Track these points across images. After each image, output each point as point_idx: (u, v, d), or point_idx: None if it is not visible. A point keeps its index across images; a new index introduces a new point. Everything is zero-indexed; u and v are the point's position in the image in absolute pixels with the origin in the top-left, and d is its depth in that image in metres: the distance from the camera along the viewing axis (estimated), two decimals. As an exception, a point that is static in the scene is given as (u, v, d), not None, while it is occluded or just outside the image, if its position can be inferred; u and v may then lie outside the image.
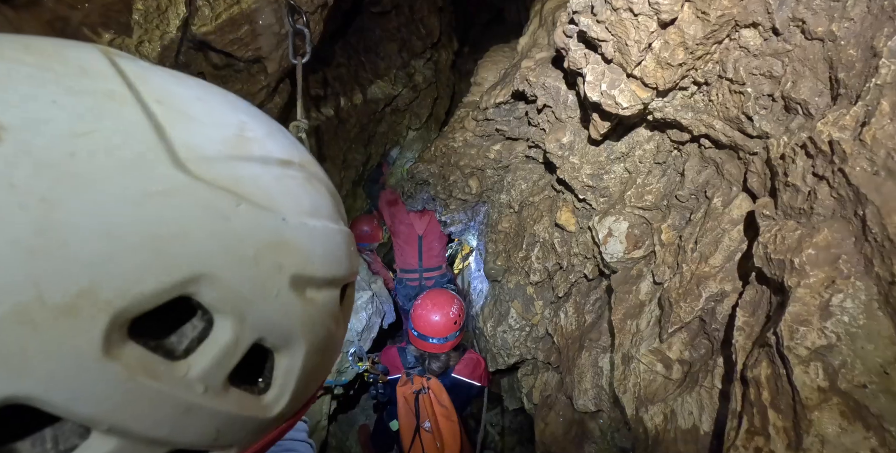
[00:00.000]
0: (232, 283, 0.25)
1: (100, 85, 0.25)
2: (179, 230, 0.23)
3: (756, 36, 1.04)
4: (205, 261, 0.24)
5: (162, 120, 0.25)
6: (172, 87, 0.28)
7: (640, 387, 1.17)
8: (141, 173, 0.23)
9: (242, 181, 0.27)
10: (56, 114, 0.23)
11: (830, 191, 0.81)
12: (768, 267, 0.87)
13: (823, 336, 0.69)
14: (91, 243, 0.21)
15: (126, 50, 1.45)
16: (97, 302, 0.21)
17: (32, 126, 0.22)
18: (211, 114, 0.28)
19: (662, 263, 1.30)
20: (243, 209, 0.26)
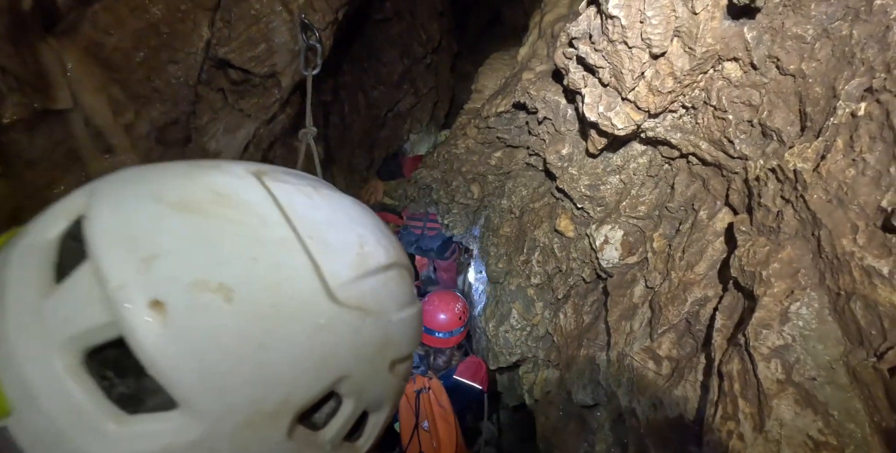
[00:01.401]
0: (358, 377, 0.36)
1: (276, 233, 0.34)
2: (334, 350, 0.34)
3: (737, 69, 1.19)
4: (345, 366, 0.35)
5: (316, 257, 0.35)
6: (311, 214, 0.37)
7: (633, 382, 1.33)
8: (312, 311, 0.33)
9: (365, 296, 0.37)
10: (258, 271, 0.31)
11: (794, 213, 0.97)
12: (742, 277, 1.03)
13: (782, 337, 0.85)
14: (287, 369, 0.31)
15: (155, 70, 1.58)
16: (289, 407, 0.32)
17: (247, 283, 0.30)
18: (340, 237, 0.38)
19: (654, 269, 1.46)
20: (368, 321, 0.36)
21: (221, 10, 1.67)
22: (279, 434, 0.31)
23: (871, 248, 0.79)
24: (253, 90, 1.92)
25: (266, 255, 0.32)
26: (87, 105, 1.43)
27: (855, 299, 0.79)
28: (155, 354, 0.27)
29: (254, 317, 0.30)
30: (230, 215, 0.33)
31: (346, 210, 0.42)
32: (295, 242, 0.34)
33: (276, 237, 0.34)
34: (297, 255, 0.34)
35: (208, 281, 0.29)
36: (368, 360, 0.36)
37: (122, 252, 0.30)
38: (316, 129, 1.74)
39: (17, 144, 1.35)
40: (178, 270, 0.29)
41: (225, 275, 0.30)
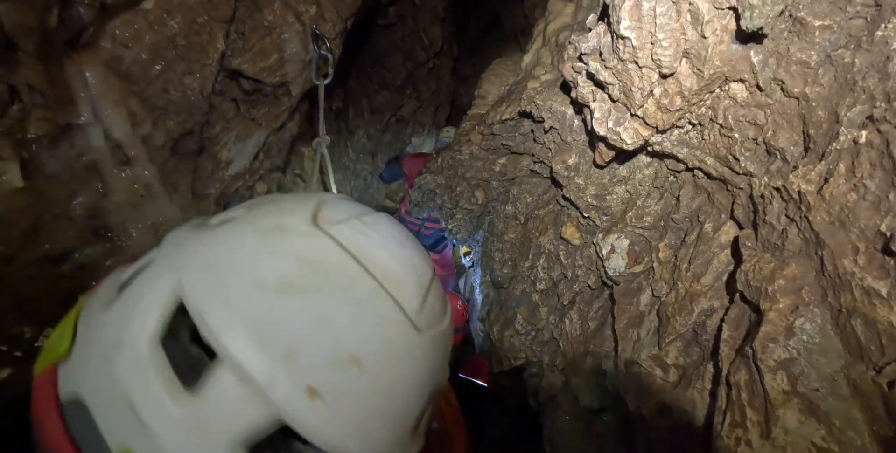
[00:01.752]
0: (440, 382, 0.43)
1: (364, 287, 0.39)
2: (429, 371, 0.40)
3: (743, 89, 1.26)
4: (435, 380, 0.42)
5: (397, 297, 0.40)
6: (376, 253, 0.42)
7: (641, 388, 1.40)
8: (411, 349, 0.39)
9: (431, 315, 0.43)
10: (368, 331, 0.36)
11: (798, 232, 1.03)
12: (748, 291, 1.09)
13: (787, 351, 0.92)
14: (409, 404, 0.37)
15: (171, 82, 1.62)
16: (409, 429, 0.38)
17: (365, 345, 0.35)
18: (400, 267, 0.43)
19: (660, 279, 1.53)
20: (437, 336, 0.42)
21: (236, 22, 1.70)
22: (403, 446, 0.38)
23: (870, 270, 0.85)
24: (264, 99, 1.96)
25: (367, 314, 0.37)
26: (106, 118, 1.46)
27: (855, 317, 0.86)
28: (325, 433, 0.32)
29: (380, 373, 0.35)
30: (325, 285, 0.37)
31: (390, 234, 0.46)
32: (380, 291, 0.39)
33: (366, 291, 0.38)
34: (386, 302, 0.39)
35: (340, 355, 0.33)
36: (443, 365, 0.43)
37: (259, 350, 0.32)
38: (329, 138, 1.78)
39: (39, 158, 1.38)
40: (315, 355, 0.33)
41: (349, 346, 0.34)
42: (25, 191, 1.39)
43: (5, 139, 1.24)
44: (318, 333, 0.35)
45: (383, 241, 0.44)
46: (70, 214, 1.52)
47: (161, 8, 1.52)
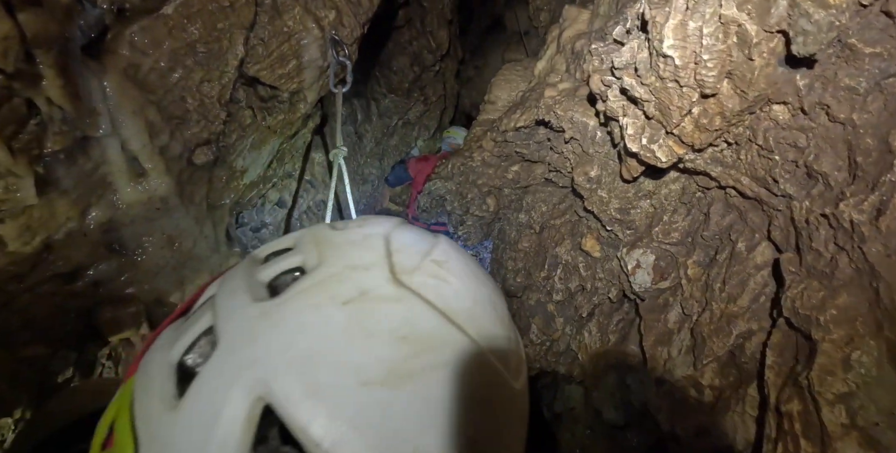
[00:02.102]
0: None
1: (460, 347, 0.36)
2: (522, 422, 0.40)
3: (785, 111, 1.26)
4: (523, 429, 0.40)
5: (489, 351, 0.37)
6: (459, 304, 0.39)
7: (674, 408, 1.40)
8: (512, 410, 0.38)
9: (520, 366, 0.41)
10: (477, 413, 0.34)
11: (850, 261, 1.04)
12: (796, 318, 1.10)
13: (846, 385, 0.93)
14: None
15: (189, 90, 1.57)
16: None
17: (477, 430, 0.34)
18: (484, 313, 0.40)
19: (690, 297, 1.53)
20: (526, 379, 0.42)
21: (257, 28, 1.65)
22: None
23: (934, 305, 0.86)
24: (280, 106, 1.92)
25: (479, 393, 0.35)
26: (124, 129, 1.41)
27: (918, 352, 0.87)
28: None
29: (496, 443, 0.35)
30: (431, 363, 0.34)
31: (464, 271, 0.43)
32: (480, 355, 0.36)
33: (469, 361, 0.35)
34: (492, 372, 0.37)
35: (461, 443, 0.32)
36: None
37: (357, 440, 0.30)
38: (346, 149, 1.75)
39: (54, 173, 1.33)
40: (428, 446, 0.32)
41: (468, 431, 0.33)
42: (39, 207, 1.33)
43: (22, 156, 1.18)
44: (434, 428, 0.32)
45: (464, 286, 0.41)
46: (84, 230, 1.47)
47: (181, 13, 1.46)
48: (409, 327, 0.35)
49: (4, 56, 0.94)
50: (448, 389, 0.33)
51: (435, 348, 0.35)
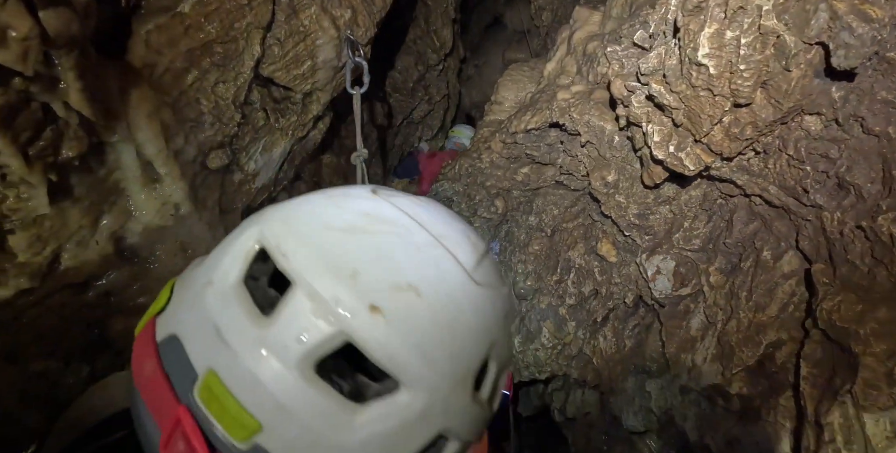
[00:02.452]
0: (499, 342, 0.43)
1: (421, 238, 0.42)
2: (487, 322, 0.42)
3: (818, 122, 1.27)
4: (494, 335, 0.42)
5: (452, 251, 0.42)
6: (430, 218, 0.45)
7: (700, 417, 1.42)
8: (469, 295, 0.41)
9: (488, 275, 0.45)
10: (426, 270, 0.40)
11: (889, 275, 1.05)
12: (832, 330, 1.11)
13: (891, 399, 0.94)
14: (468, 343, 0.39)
15: (204, 92, 1.52)
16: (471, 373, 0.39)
17: (424, 280, 0.39)
18: (455, 232, 0.46)
19: (714, 304, 1.54)
20: (496, 295, 0.44)
21: (274, 28, 1.61)
22: (467, 396, 0.39)
23: (982, 321, 0.88)
24: (293, 108, 1.87)
25: (425, 257, 0.41)
26: (139, 133, 1.36)
27: (967, 368, 0.88)
28: (386, 347, 0.35)
29: (438, 306, 0.38)
30: (386, 230, 0.42)
31: (441, 209, 0.50)
32: (436, 242, 0.42)
33: (423, 241, 0.42)
34: (441, 251, 0.42)
35: (400, 283, 0.37)
36: (503, 327, 0.45)
37: (327, 271, 0.37)
38: (367, 152, 1.71)
39: (67, 181, 1.28)
40: (377, 280, 0.37)
41: (409, 277, 0.38)
42: (51, 216, 1.28)
43: (37, 164, 1.13)
44: (379, 262, 0.39)
45: (437, 212, 0.48)
46: (96, 238, 1.42)
47: (198, 12, 1.42)
48: (375, 211, 0.44)
49: (24, 58, 0.88)
50: (395, 247, 0.40)
51: (391, 224, 0.43)
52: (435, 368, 0.36)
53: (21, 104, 1.00)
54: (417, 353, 0.35)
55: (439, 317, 0.37)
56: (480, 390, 0.42)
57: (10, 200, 1.17)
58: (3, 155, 1.00)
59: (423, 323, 0.37)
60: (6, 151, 1.00)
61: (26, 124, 1.03)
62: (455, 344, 0.38)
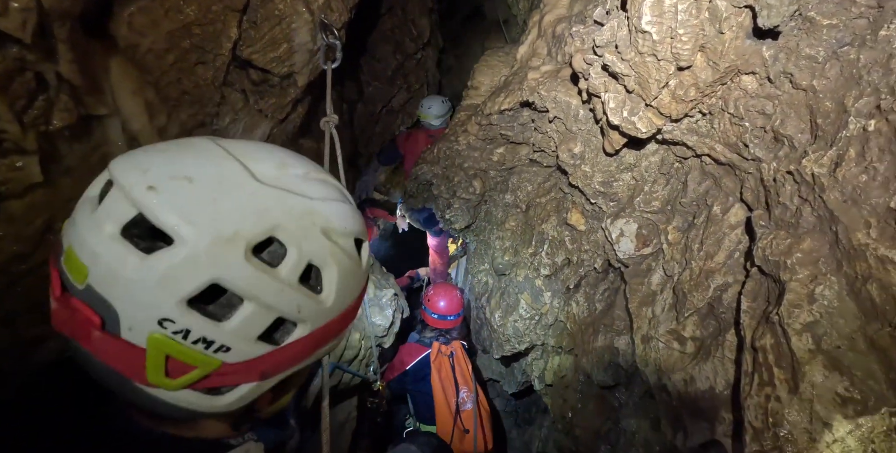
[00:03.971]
0: (290, 231, 0.53)
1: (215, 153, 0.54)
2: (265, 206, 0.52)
3: (754, 81, 1.39)
4: (277, 221, 0.52)
5: (244, 162, 0.54)
6: (245, 145, 0.58)
7: (660, 361, 1.53)
8: (241, 183, 0.52)
9: (286, 184, 0.55)
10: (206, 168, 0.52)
11: (812, 210, 1.18)
12: (766, 265, 1.23)
13: (811, 315, 1.06)
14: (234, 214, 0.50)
15: (185, 72, 1.62)
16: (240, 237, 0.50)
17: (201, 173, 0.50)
18: (264, 155, 0.57)
19: (671, 259, 1.66)
20: (290, 197, 0.54)
21: (249, 11, 1.71)
22: (238, 256, 0.49)
23: (883, 241, 1.00)
24: (271, 90, 1.97)
25: (210, 161, 0.53)
26: (124, 109, 1.45)
27: (871, 282, 1.00)
28: (155, 214, 0.47)
29: (206, 187, 0.50)
30: (190, 149, 0.55)
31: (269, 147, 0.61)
32: (227, 155, 0.54)
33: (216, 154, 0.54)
34: (231, 161, 0.53)
35: (177, 175, 0.50)
36: (296, 221, 0.53)
37: (131, 172, 0.49)
38: (337, 117, 1.82)
39: (58, 151, 1.37)
40: (160, 173, 0.49)
41: (187, 172, 0.50)
42: (43, 186, 1.37)
43: (31, 131, 1.22)
44: (168, 165, 0.51)
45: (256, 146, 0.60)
46: (85, 209, 1.51)
47: (177, -5, 1.51)
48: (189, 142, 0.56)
49: (23, 27, 0.99)
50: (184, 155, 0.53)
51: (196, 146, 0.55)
52: (194, 223, 0.47)
53: (17, 72, 1.09)
54: (178, 213, 0.47)
55: (204, 193, 0.49)
56: (279, 266, 0.52)
57: (4, 169, 1.26)
58: (2, 121, 1.10)
59: (189, 194, 0.49)
60: (4, 117, 1.09)
61: (21, 92, 1.13)
62: (220, 213, 0.49)
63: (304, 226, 0.54)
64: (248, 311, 0.50)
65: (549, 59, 2.42)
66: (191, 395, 0.52)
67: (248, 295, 0.50)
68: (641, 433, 1.63)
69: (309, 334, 0.55)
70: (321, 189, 0.58)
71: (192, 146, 0.55)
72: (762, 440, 1.08)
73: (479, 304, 2.96)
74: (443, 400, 2.46)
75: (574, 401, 2.03)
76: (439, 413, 2.46)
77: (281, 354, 0.54)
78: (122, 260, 0.47)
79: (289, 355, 0.55)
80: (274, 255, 0.52)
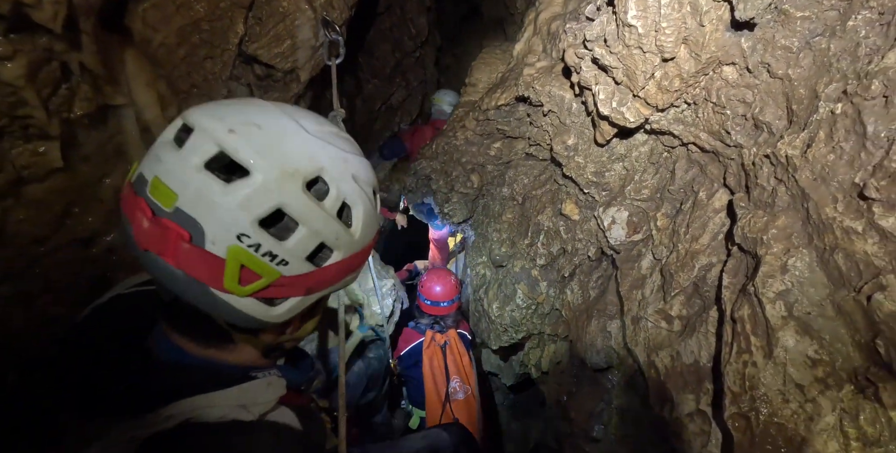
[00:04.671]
0: (332, 173, 0.66)
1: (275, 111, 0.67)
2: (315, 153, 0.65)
3: (734, 71, 1.48)
4: (323, 165, 0.64)
5: (297, 119, 0.67)
6: (297, 110, 0.70)
7: (648, 340, 1.61)
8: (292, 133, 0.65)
9: (326, 135, 0.68)
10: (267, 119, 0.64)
11: (786, 190, 1.26)
12: (745, 242, 1.32)
13: (783, 283, 1.15)
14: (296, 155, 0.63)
15: (194, 66, 1.71)
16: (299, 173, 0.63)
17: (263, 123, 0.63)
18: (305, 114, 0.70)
19: (660, 244, 1.75)
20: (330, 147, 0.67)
21: (255, 8, 1.80)
22: (297, 187, 0.61)
23: (848, 213, 1.09)
24: (275, 85, 2.06)
25: (273, 116, 0.65)
26: (139, 100, 1.54)
27: (837, 252, 1.09)
28: (235, 150, 0.59)
29: (272, 133, 0.62)
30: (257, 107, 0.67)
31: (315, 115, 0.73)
32: (283, 113, 0.67)
33: (277, 111, 0.67)
34: (287, 118, 0.66)
35: (249, 122, 0.61)
36: (336, 166, 0.66)
37: (212, 121, 0.60)
38: (344, 112, 1.91)
39: (77, 139, 1.46)
40: (236, 121, 0.61)
41: (256, 120, 0.62)
42: (63, 171, 1.46)
43: (55, 117, 1.31)
44: (241, 115, 0.63)
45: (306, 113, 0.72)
46: (100, 196, 1.59)
47: (187, -8, 1.61)
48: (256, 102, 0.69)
49: (54, 18, 1.08)
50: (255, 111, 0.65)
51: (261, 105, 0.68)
52: (266, 160, 0.59)
53: (45, 62, 1.19)
54: (253, 152, 0.59)
55: (271, 138, 0.61)
56: (322, 200, 0.64)
57: (28, 154, 1.35)
58: (30, 106, 1.19)
59: (260, 138, 0.61)
60: (32, 103, 1.18)
61: (48, 80, 1.22)
62: (280, 150, 0.61)
63: (341, 171, 0.66)
64: (301, 234, 0.63)
65: (544, 56, 2.51)
66: (253, 303, 0.63)
67: (302, 220, 0.62)
68: (632, 410, 1.71)
69: (341, 260, 0.69)
70: (349, 145, 0.72)
71: (251, 102, 0.67)
72: (740, 402, 1.17)
73: (478, 296, 3.04)
74: (432, 389, 2.54)
75: (569, 385, 2.10)
76: (428, 400, 2.54)
77: (321, 274, 0.67)
78: (209, 187, 0.58)
79: (326, 276, 0.68)
80: (320, 192, 0.65)
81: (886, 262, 1.00)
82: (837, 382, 1.07)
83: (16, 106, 1.18)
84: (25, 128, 1.26)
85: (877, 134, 1.08)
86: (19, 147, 1.32)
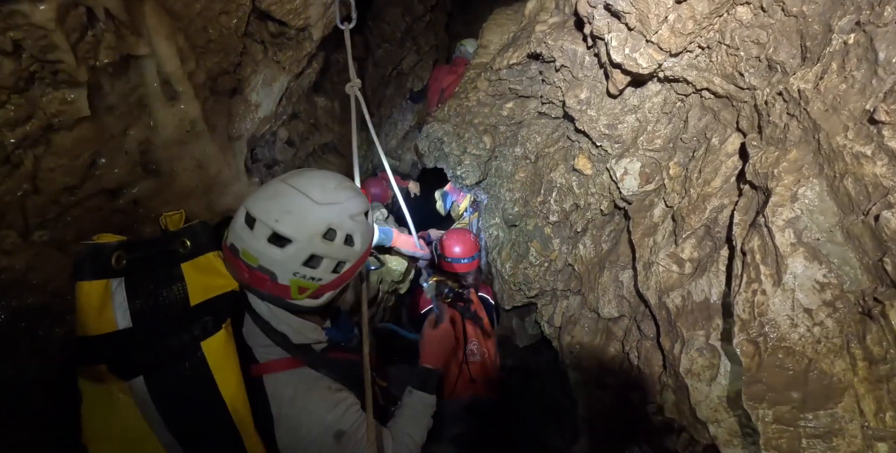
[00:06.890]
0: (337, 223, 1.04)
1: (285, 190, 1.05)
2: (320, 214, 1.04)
3: (748, 12, 1.49)
4: (331, 221, 1.03)
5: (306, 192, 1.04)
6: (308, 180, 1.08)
7: (660, 283, 1.66)
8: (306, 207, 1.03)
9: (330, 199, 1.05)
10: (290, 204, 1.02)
11: (798, 124, 1.29)
12: (756, 178, 1.35)
13: (793, 211, 1.18)
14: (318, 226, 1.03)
15: (210, 21, 1.75)
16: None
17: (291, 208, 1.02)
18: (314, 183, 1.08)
19: (672, 191, 1.78)
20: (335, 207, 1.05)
21: (268, -38, 1.83)
22: (319, 241, 1.03)
23: (858, 139, 1.11)
24: (288, 43, 2.10)
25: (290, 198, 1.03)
26: (159, 52, 1.59)
27: (847, 177, 1.12)
28: (282, 231, 0.98)
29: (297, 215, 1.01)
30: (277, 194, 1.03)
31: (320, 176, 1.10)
32: (294, 191, 1.04)
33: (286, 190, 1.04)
34: (298, 194, 1.03)
35: (282, 211, 1.00)
36: (337, 217, 1.05)
37: (264, 214, 0.99)
38: (360, 82, 1.94)
39: (102, 88, 1.51)
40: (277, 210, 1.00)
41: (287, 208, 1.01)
42: (90, 120, 1.52)
43: (82, 64, 1.37)
44: (275, 206, 1.01)
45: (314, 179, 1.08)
46: (125, 148, 1.66)
47: (202, -56, 1.64)
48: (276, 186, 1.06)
49: (80, -39, 1.12)
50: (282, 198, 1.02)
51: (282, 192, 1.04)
52: (298, 232, 0.98)
53: (72, 6, 1.23)
54: (290, 230, 0.98)
55: (297, 218, 0.99)
56: (334, 240, 1.03)
57: (57, 102, 1.41)
58: (60, 50, 1.24)
59: (291, 220, 0.98)
60: (62, 47, 1.23)
61: (76, 25, 1.27)
62: (305, 223, 0.99)
63: (342, 218, 1.04)
64: (327, 262, 1.04)
65: (556, 12, 2.51)
66: (307, 300, 1.07)
67: (326, 255, 1.03)
68: (643, 352, 1.77)
69: (352, 266, 1.10)
70: (344, 193, 1.07)
71: (280, 192, 1.02)
72: (749, 329, 1.21)
73: (491, 258, 3.10)
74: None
75: (581, 336, 2.17)
76: None
77: (342, 277, 1.09)
78: (273, 252, 0.98)
79: (345, 277, 1.10)
80: (332, 236, 1.03)
81: (895, 182, 1.03)
82: (845, 304, 1.11)
83: (46, 50, 1.24)
84: (55, 74, 1.32)
85: (888, 59, 1.09)
86: (49, 94, 1.37)
